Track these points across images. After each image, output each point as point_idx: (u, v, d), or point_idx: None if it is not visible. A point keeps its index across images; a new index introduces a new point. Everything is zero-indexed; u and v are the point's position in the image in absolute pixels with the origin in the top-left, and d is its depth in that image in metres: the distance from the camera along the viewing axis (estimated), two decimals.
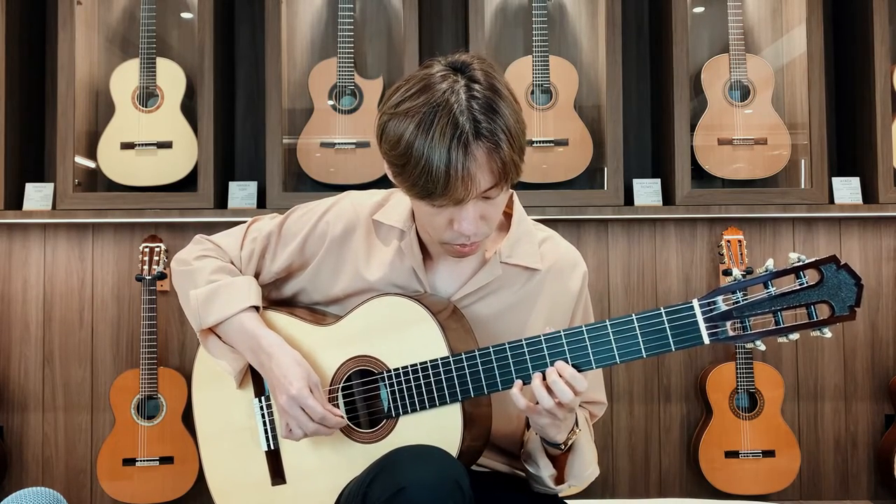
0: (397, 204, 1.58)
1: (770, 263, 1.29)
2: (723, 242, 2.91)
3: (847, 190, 2.95)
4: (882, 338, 3.09)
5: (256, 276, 1.64)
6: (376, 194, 1.63)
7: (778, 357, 3.06)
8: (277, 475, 1.57)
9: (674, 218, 3.03)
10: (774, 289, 1.29)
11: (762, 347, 1.31)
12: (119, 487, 2.88)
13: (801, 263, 1.27)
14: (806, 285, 1.27)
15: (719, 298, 1.31)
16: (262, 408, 1.59)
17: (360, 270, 1.56)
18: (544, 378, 1.36)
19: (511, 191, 1.57)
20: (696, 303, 1.32)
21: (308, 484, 1.54)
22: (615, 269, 3.09)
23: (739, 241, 2.90)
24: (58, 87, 2.94)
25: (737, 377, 2.87)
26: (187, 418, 2.91)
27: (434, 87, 1.35)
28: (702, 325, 1.31)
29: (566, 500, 1.61)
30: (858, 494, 3.07)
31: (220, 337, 1.62)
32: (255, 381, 1.60)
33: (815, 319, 1.27)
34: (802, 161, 3.01)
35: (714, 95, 2.99)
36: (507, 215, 1.59)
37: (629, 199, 2.96)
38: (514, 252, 1.55)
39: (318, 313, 1.62)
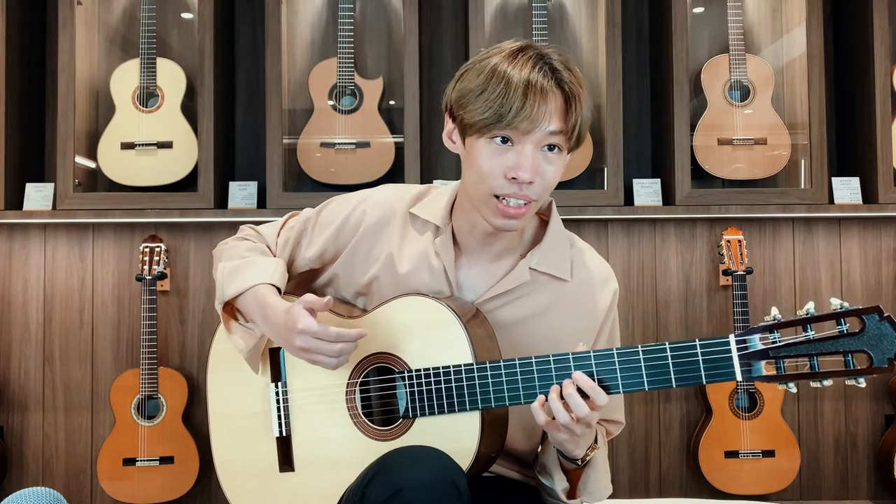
0: (435, 199, 1.58)
1: (811, 306, 1.27)
2: (723, 242, 2.91)
3: (847, 190, 2.95)
4: None
5: (290, 263, 1.65)
6: (415, 187, 1.63)
7: None
8: (286, 462, 1.57)
9: (674, 218, 3.03)
10: (813, 332, 1.26)
11: (794, 390, 1.29)
12: (119, 487, 2.88)
13: (843, 310, 1.25)
14: (846, 333, 1.25)
15: (756, 337, 1.29)
16: (277, 393, 1.59)
17: (392, 260, 1.55)
18: (562, 392, 1.35)
19: (552, 199, 1.61)
20: (732, 338, 1.30)
21: (316, 474, 1.54)
22: (615, 269, 3.04)
23: (739, 241, 2.90)
24: (58, 87, 2.94)
25: None
26: (187, 418, 2.91)
27: (507, 47, 1.44)
28: (736, 362, 1.29)
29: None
30: (858, 494, 3.07)
31: (239, 321, 1.61)
32: (273, 366, 1.60)
33: (853, 369, 1.25)
34: (802, 161, 3.01)
35: (714, 95, 2.99)
36: (544, 223, 1.59)
37: (629, 199, 2.96)
38: (544, 260, 1.54)
39: (345, 305, 1.62)
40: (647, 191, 2.96)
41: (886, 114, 2.91)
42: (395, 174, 2.94)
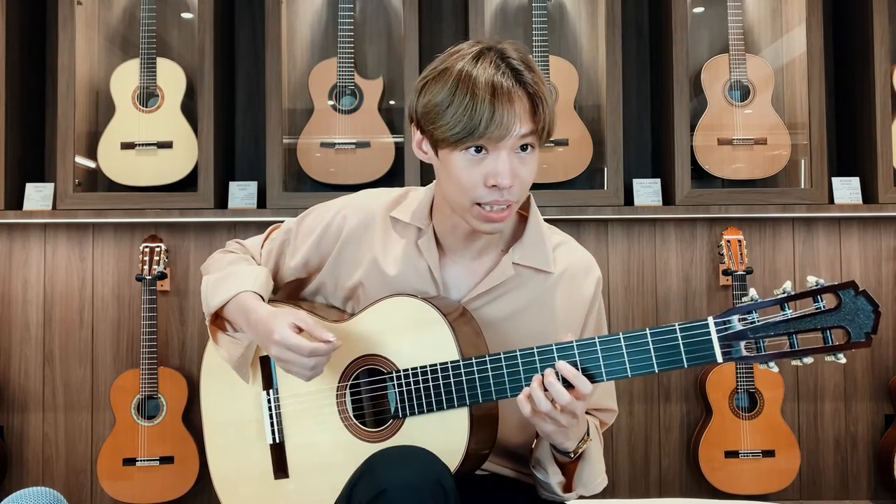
0: (414, 201, 1.59)
1: (788, 286, 1.28)
2: (723, 242, 2.91)
3: (847, 190, 2.95)
4: (882, 338, 3.09)
5: (276, 273, 1.67)
6: (393, 191, 1.64)
7: None
8: (280, 469, 1.58)
9: (674, 218, 3.03)
10: (791, 311, 1.27)
11: (775, 369, 1.30)
12: (119, 487, 2.88)
13: (818, 287, 1.26)
14: (823, 309, 1.26)
15: (735, 318, 1.30)
16: (269, 401, 1.59)
17: (378, 264, 1.56)
18: (543, 381, 1.36)
19: (530, 193, 1.59)
20: (711, 321, 1.31)
21: (310, 480, 1.55)
22: (615, 269, 3.09)
23: (739, 241, 2.90)
24: (58, 87, 2.94)
25: (737, 377, 2.87)
26: (187, 418, 2.91)
27: (467, 51, 1.43)
28: (716, 344, 1.30)
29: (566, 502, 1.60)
30: (858, 494, 3.07)
31: (228, 332, 1.63)
32: (264, 374, 1.61)
33: (831, 345, 1.26)
34: (802, 161, 3.01)
35: (714, 95, 2.99)
36: (524, 217, 1.59)
37: (629, 199, 2.96)
38: (527, 254, 1.54)
39: (332, 310, 1.63)
40: (647, 191, 2.96)
41: (886, 114, 2.91)
42: (395, 174, 2.94)
